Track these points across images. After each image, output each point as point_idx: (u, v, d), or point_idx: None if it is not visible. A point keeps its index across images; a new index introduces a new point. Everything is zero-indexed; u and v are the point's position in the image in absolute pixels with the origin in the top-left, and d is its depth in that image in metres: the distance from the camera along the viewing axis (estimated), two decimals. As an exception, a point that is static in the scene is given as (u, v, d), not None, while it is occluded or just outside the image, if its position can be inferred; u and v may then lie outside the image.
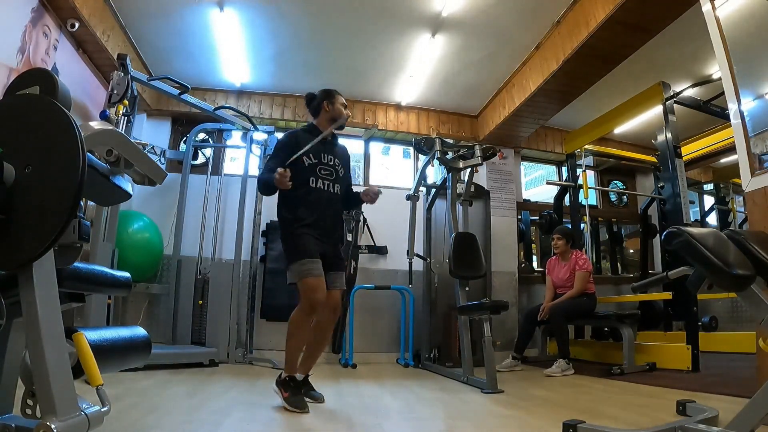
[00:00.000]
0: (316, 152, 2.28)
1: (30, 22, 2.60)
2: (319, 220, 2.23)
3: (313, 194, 2.24)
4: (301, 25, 3.54)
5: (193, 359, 3.30)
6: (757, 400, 1.20)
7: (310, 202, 2.23)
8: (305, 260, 2.13)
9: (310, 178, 2.25)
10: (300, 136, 2.32)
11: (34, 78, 1.10)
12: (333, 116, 2.36)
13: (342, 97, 2.42)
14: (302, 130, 2.40)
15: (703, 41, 2.34)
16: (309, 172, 2.25)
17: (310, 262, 2.13)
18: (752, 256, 1.27)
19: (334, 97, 2.38)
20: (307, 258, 2.13)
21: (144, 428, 1.56)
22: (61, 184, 0.92)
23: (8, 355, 1.09)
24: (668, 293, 3.45)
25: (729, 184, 5.47)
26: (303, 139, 2.28)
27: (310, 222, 2.20)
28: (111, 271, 1.37)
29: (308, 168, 2.25)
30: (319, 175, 2.27)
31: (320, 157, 2.29)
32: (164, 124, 4.49)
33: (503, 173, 4.88)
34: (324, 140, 2.32)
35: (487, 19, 3.35)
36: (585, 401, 2.27)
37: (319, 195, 2.26)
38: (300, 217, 2.19)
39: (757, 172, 2.00)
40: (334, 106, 2.36)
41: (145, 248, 3.69)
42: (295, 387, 2.12)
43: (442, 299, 4.07)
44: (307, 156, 2.25)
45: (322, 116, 2.38)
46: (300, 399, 2.05)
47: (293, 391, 2.09)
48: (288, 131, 2.42)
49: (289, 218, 2.22)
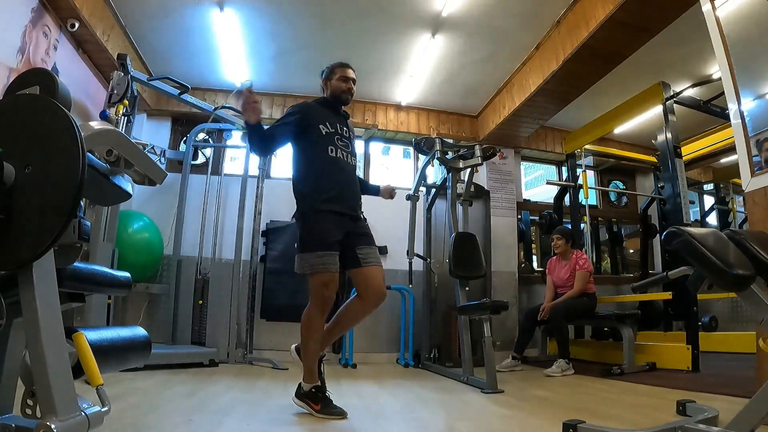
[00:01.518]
0: (332, 122, 2.16)
1: (30, 22, 2.60)
2: (343, 191, 2.07)
3: (335, 164, 2.08)
4: (301, 25, 3.54)
5: (193, 359, 3.30)
6: (757, 400, 1.20)
7: (332, 172, 2.07)
8: (323, 252, 1.95)
9: (329, 147, 2.09)
10: (312, 106, 2.21)
11: (34, 78, 1.09)
12: (332, 93, 2.24)
13: (345, 68, 2.25)
14: (315, 101, 2.28)
15: (703, 41, 2.34)
16: (327, 141, 2.10)
17: (329, 255, 1.96)
18: (752, 256, 1.27)
19: (333, 72, 2.24)
20: (326, 251, 1.96)
21: (144, 428, 1.55)
22: (61, 184, 0.92)
23: (8, 355, 1.09)
24: (668, 293, 3.44)
25: (729, 184, 5.47)
26: (314, 110, 2.18)
27: (333, 195, 2.03)
28: (111, 271, 1.37)
29: (326, 137, 2.10)
30: (338, 144, 2.13)
31: (336, 127, 2.16)
32: (164, 124, 4.50)
33: (503, 173, 4.88)
34: (338, 112, 2.25)
35: (487, 19, 3.35)
36: (585, 401, 2.27)
37: (340, 165, 2.10)
38: (322, 188, 2.02)
39: (757, 172, 2.00)
40: (331, 82, 2.24)
41: (145, 248, 3.69)
42: (324, 398, 1.96)
43: (442, 299, 4.07)
44: (324, 124, 2.12)
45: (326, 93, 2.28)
46: (334, 408, 1.92)
47: (323, 402, 1.94)
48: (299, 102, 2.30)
49: (310, 192, 2.04)
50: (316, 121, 2.12)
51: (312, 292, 1.99)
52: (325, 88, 2.28)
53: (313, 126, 2.11)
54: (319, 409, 1.91)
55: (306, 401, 1.95)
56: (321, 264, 1.95)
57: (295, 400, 1.99)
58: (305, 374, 2.00)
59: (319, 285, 1.96)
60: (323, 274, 1.95)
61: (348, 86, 2.24)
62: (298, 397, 2.00)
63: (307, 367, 2.00)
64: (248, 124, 1.94)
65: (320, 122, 2.13)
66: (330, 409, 1.91)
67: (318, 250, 1.96)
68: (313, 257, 1.96)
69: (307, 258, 1.97)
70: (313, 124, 2.12)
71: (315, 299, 1.99)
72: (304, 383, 1.99)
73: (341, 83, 2.23)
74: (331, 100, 2.26)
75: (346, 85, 2.23)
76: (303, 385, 1.99)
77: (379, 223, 4.41)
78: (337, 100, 2.25)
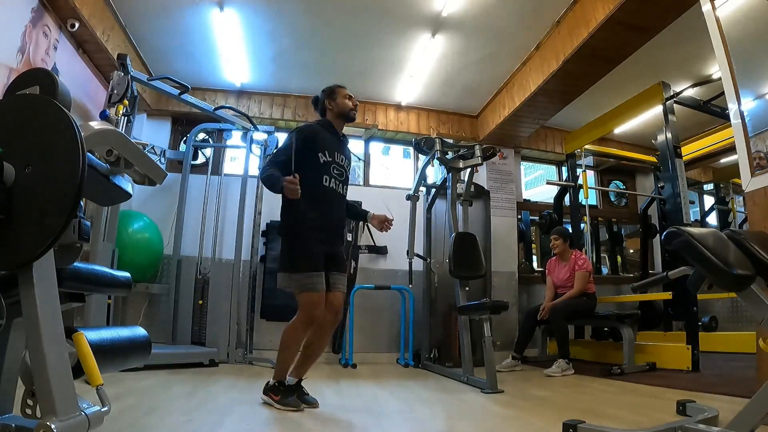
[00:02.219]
0: (331, 150, 2.20)
1: (30, 22, 2.60)
2: (326, 222, 2.16)
3: (325, 194, 2.16)
4: (301, 25, 3.54)
5: (193, 359, 3.30)
6: (757, 400, 1.20)
7: (321, 202, 2.14)
8: (311, 273, 2.05)
9: (324, 177, 2.16)
10: (315, 129, 2.24)
11: (34, 78, 1.09)
12: (339, 111, 2.28)
13: (344, 89, 2.32)
14: (317, 123, 2.31)
15: (703, 41, 2.34)
16: (323, 171, 2.16)
17: (316, 276, 2.06)
18: (752, 256, 1.27)
19: (335, 92, 2.29)
20: (313, 271, 2.05)
21: (144, 428, 1.56)
22: (61, 184, 0.92)
23: (8, 355, 1.09)
24: (668, 293, 3.45)
25: (729, 184, 5.47)
26: (317, 134, 2.21)
27: (317, 224, 2.12)
28: (111, 271, 1.37)
29: (323, 165, 2.16)
30: (332, 174, 2.19)
31: (334, 155, 2.21)
32: (164, 124, 4.49)
33: (503, 173, 4.88)
34: (338, 136, 2.28)
35: (487, 19, 3.35)
36: (585, 401, 2.27)
37: (329, 195, 2.18)
38: (308, 218, 2.10)
39: (757, 172, 2.00)
40: (336, 102, 2.28)
41: (145, 248, 3.69)
42: (285, 390, 2.07)
43: (442, 299, 4.06)
44: (323, 152, 2.17)
45: (329, 115, 2.30)
46: (292, 399, 2.03)
47: (283, 393, 2.05)
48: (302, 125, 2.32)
49: (296, 219, 2.11)
50: (316, 148, 2.18)
51: (301, 310, 2.08)
52: (328, 108, 2.31)
53: (313, 153, 2.17)
54: (278, 400, 2.04)
55: (268, 394, 2.08)
56: (311, 284, 2.05)
57: (261, 396, 2.11)
58: (275, 372, 2.13)
59: (309, 304, 2.06)
60: (312, 294, 2.06)
61: (354, 103, 2.32)
62: (263, 392, 2.12)
63: (278, 369, 2.12)
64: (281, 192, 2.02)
65: (320, 150, 2.18)
66: (286, 400, 2.03)
67: (307, 270, 2.06)
68: (303, 277, 2.06)
69: (295, 278, 2.07)
70: (313, 151, 2.17)
71: (303, 317, 2.08)
72: (272, 379, 2.12)
73: (347, 101, 2.30)
74: (335, 120, 2.30)
75: (351, 102, 2.30)
76: (270, 381, 2.13)
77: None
78: (345, 117, 2.30)
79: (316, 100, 2.36)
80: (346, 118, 2.30)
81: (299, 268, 2.06)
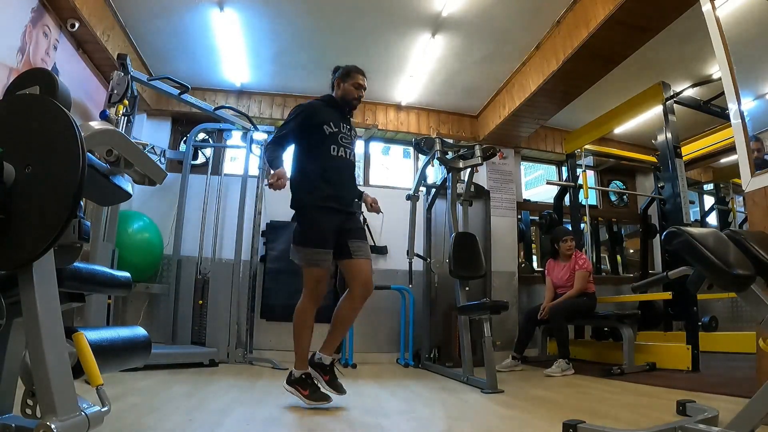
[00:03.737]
0: (336, 121, 2.25)
1: (30, 22, 2.60)
2: (340, 190, 2.20)
3: (335, 162, 2.19)
4: (301, 25, 3.54)
5: (193, 359, 3.30)
6: (757, 400, 1.20)
7: (332, 171, 2.18)
8: (319, 250, 2.10)
9: (332, 146, 2.20)
10: (317, 105, 2.30)
11: (34, 78, 1.09)
12: (342, 96, 2.32)
13: (360, 76, 2.33)
14: (320, 100, 2.36)
15: (703, 41, 2.34)
16: (330, 140, 2.20)
17: (324, 252, 2.11)
18: (752, 256, 1.27)
19: (349, 76, 2.31)
20: (321, 248, 2.10)
21: (144, 428, 1.55)
22: (61, 183, 0.92)
23: (8, 355, 1.08)
24: (668, 293, 3.44)
25: (729, 184, 5.47)
26: (320, 109, 2.26)
27: (331, 193, 2.15)
28: (111, 271, 1.37)
29: (329, 136, 2.20)
30: (341, 143, 2.23)
31: (339, 126, 2.25)
32: (164, 124, 4.49)
33: (503, 173, 4.88)
34: (342, 111, 2.32)
35: (487, 19, 3.35)
36: (585, 401, 2.27)
37: (340, 163, 2.22)
38: (321, 188, 2.14)
39: (757, 172, 2.00)
40: (344, 85, 2.31)
41: (145, 248, 3.69)
42: (313, 384, 2.09)
43: (442, 299, 4.06)
44: (327, 124, 2.21)
45: (336, 92, 2.35)
46: (320, 393, 2.07)
47: (312, 387, 2.08)
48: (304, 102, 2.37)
49: (309, 189, 2.14)
50: (320, 121, 2.21)
51: (305, 285, 2.15)
52: (336, 86, 2.34)
53: (318, 125, 2.20)
54: (307, 395, 2.06)
55: (296, 387, 2.09)
56: (315, 260, 2.10)
57: (286, 386, 2.12)
58: (297, 361, 2.14)
59: (313, 280, 2.12)
60: (317, 269, 2.11)
61: (359, 94, 2.33)
62: (288, 383, 2.12)
63: (299, 355, 2.14)
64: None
65: (324, 122, 2.21)
66: (316, 395, 2.06)
67: (314, 246, 2.10)
68: (309, 252, 2.10)
69: (303, 251, 2.11)
70: (317, 124, 2.20)
71: (307, 292, 2.15)
72: (294, 370, 2.12)
73: (353, 89, 2.32)
74: (338, 101, 2.33)
75: (357, 92, 2.32)
76: (294, 372, 2.12)
77: (379, 223, 4.44)
78: (345, 103, 2.33)
79: (335, 71, 2.39)
80: (346, 104, 2.33)
81: (308, 243, 2.11)
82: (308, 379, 2.10)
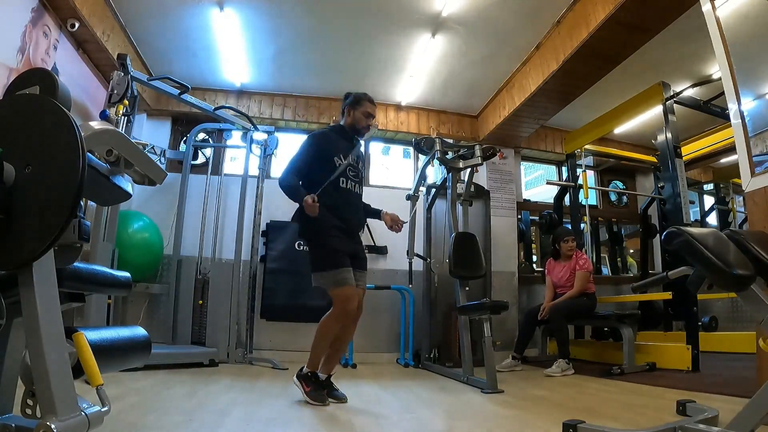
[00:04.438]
0: (346, 153, 2.31)
1: (30, 22, 2.60)
2: (348, 221, 2.26)
3: (343, 195, 2.27)
4: (301, 25, 3.54)
5: (193, 359, 3.30)
6: (757, 400, 1.20)
7: (340, 203, 2.25)
8: (342, 270, 2.15)
9: (340, 179, 2.27)
10: (328, 135, 2.35)
11: (34, 78, 1.10)
12: (351, 124, 2.38)
13: (370, 104, 2.39)
14: (331, 130, 2.42)
15: (703, 41, 2.34)
16: (340, 173, 2.27)
17: (347, 271, 2.16)
18: (752, 256, 1.27)
19: (359, 104, 2.37)
20: (344, 267, 2.16)
21: (144, 428, 1.56)
22: (61, 183, 0.92)
23: (8, 355, 1.09)
24: (668, 293, 3.44)
25: (729, 184, 5.47)
26: (332, 141, 2.32)
27: (338, 224, 2.22)
28: (111, 271, 1.37)
29: (339, 169, 2.27)
30: (348, 176, 2.30)
31: (348, 157, 2.31)
32: (164, 124, 4.49)
33: (503, 173, 4.88)
34: (351, 142, 2.37)
35: (487, 19, 3.35)
36: (585, 401, 2.27)
37: (347, 196, 2.29)
38: (329, 221, 2.19)
39: (757, 172, 2.00)
40: (354, 113, 2.37)
41: (145, 248, 3.69)
42: (317, 383, 2.18)
43: (442, 299, 4.06)
44: (338, 156, 2.28)
45: (345, 120, 2.40)
46: (321, 394, 2.13)
47: (315, 386, 2.16)
48: (316, 131, 2.43)
49: (317, 222, 2.18)
50: (332, 153, 2.27)
51: (336, 305, 2.17)
52: (346, 114, 2.40)
53: (329, 158, 2.26)
54: (308, 391, 2.14)
55: (301, 382, 2.19)
56: (343, 279, 2.15)
57: (294, 380, 2.24)
58: (309, 361, 2.23)
59: (344, 299, 2.14)
60: (346, 289, 2.14)
61: (368, 122, 2.40)
62: (297, 377, 2.22)
63: (313, 357, 2.21)
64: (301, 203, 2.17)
65: (336, 154, 2.27)
66: (316, 394, 2.13)
67: (337, 267, 2.15)
68: (335, 274, 2.14)
69: (329, 276, 2.15)
70: (328, 157, 2.26)
71: (338, 311, 2.16)
72: (306, 367, 2.22)
73: (363, 117, 2.38)
74: (347, 129, 2.39)
75: (367, 121, 2.39)
76: (304, 368, 2.23)
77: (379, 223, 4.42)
78: (355, 132, 2.39)
79: (345, 98, 2.45)
80: (355, 132, 2.40)
81: (328, 266, 2.16)
82: (314, 377, 2.19)
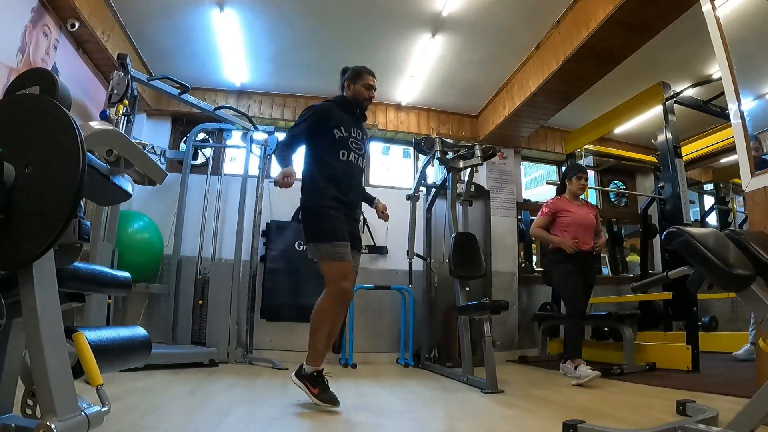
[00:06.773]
0: (347, 125, 2.24)
1: (30, 22, 2.60)
2: (347, 195, 2.18)
3: (344, 167, 2.19)
4: (300, 25, 3.54)
5: (193, 359, 3.30)
6: (757, 400, 1.20)
7: (341, 175, 2.17)
8: (339, 243, 2.04)
9: (341, 151, 2.19)
10: (329, 107, 2.27)
11: (34, 78, 1.10)
12: (353, 97, 2.31)
13: (370, 77, 2.32)
14: (332, 101, 2.33)
15: (703, 41, 2.34)
16: (340, 145, 2.19)
17: (344, 246, 2.05)
18: (752, 256, 1.27)
19: (359, 77, 2.31)
20: (341, 241, 2.05)
21: (144, 428, 1.55)
22: (61, 183, 0.92)
23: (8, 355, 1.09)
24: (668, 293, 3.44)
25: (729, 184, 5.47)
26: (332, 111, 2.24)
27: (338, 196, 2.13)
28: (111, 271, 1.37)
29: (339, 140, 2.19)
30: (351, 147, 2.22)
31: (350, 130, 2.24)
32: (164, 124, 4.49)
33: (503, 173, 4.88)
34: (354, 115, 2.31)
35: (487, 19, 3.35)
36: (585, 401, 2.27)
37: (349, 168, 2.21)
38: (329, 191, 2.12)
39: (757, 172, 2.00)
40: (354, 86, 2.31)
41: (145, 248, 3.69)
42: (323, 383, 2.03)
43: (442, 299, 4.06)
44: (338, 128, 2.20)
45: (346, 93, 2.34)
46: (330, 395, 2.01)
47: (322, 386, 2.03)
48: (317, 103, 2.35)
49: (318, 192, 2.13)
50: (331, 124, 2.20)
51: (329, 284, 2.04)
52: (346, 88, 2.34)
53: (329, 129, 2.18)
54: (317, 393, 1.99)
55: (305, 383, 2.03)
56: (339, 254, 2.03)
57: (294, 379, 2.06)
58: (309, 357, 2.06)
59: (337, 276, 2.03)
60: (341, 263, 2.03)
61: (370, 94, 2.33)
62: (297, 377, 2.06)
63: (313, 350, 2.06)
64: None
65: (335, 125, 2.20)
66: (326, 395, 1.99)
67: (334, 240, 2.04)
68: (330, 247, 2.03)
69: (324, 248, 2.04)
70: (328, 127, 2.19)
71: (331, 289, 2.04)
72: (306, 365, 2.06)
73: (364, 90, 2.31)
74: (350, 102, 2.32)
75: (368, 92, 2.32)
76: (305, 367, 2.06)
77: (380, 223, 4.42)
78: (357, 104, 2.32)
79: (343, 72, 2.39)
80: (357, 105, 2.33)
81: (326, 238, 2.06)
82: (319, 377, 2.05)
